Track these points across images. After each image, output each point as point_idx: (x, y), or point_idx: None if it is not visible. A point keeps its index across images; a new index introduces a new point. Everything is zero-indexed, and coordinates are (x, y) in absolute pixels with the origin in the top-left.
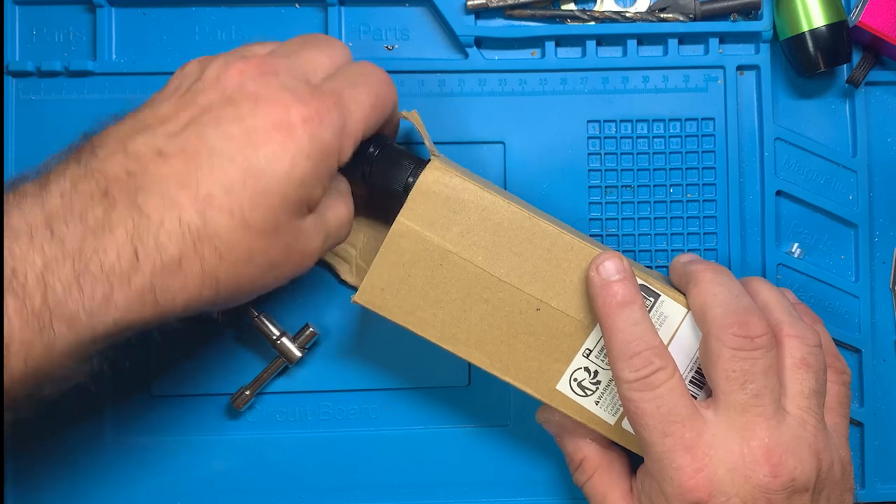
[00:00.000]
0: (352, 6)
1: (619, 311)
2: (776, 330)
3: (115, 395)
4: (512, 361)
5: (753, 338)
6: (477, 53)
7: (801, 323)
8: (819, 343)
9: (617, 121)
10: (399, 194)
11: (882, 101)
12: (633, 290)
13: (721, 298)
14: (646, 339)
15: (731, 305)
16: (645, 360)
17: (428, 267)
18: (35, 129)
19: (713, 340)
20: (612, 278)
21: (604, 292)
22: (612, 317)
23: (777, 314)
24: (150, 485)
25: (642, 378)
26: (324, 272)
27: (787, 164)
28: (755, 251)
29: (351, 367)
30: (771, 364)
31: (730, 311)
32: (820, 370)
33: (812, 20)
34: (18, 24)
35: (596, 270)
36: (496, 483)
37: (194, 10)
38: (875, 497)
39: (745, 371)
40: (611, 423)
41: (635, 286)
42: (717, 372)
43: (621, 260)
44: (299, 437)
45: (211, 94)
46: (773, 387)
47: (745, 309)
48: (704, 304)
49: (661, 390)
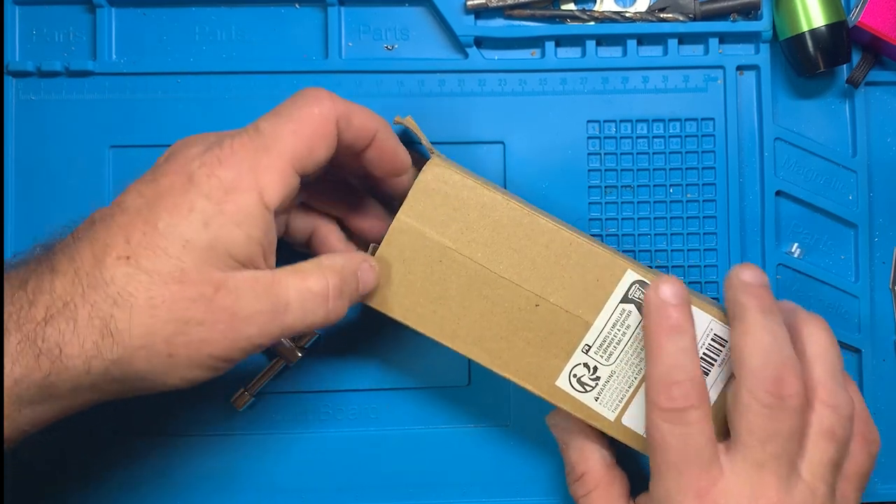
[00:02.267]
0: (352, 6)
1: (670, 335)
2: (811, 390)
3: None
4: (511, 357)
5: (786, 397)
6: (477, 53)
7: (840, 391)
8: (851, 415)
9: (617, 121)
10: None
11: (882, 101)
12: (689, 319)
13: (762, 346)
14: (689, 370)
15: (772, 357)
16: (684, 392)
17: (427, 264)
18: (35, 129)
19: (745, 391)
20: (670, 302)
21: (658, 313)
22: (662, 339)
23: (818, 373)
24: (150, 485)
25: (677, 409)
26: None
27: (786, 164)
28: (755, 251)
29: (351, 367)
30: (798, 427)
31: (769, 363)
32: (844, 442)
33: (812, 20)
34: (18, 24)
35: (655, 291)
36: (496, 483)
37: (194, 10)
38: (875, 497)
39: (770, 430)
40: (611, 420)
41: (691, 316)
42: (741, 423)
43: (682, 287)
44: (299, 437)
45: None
46: (794, 450)
47: (784, 363)
48: (745, 350)
49: (692, 429)
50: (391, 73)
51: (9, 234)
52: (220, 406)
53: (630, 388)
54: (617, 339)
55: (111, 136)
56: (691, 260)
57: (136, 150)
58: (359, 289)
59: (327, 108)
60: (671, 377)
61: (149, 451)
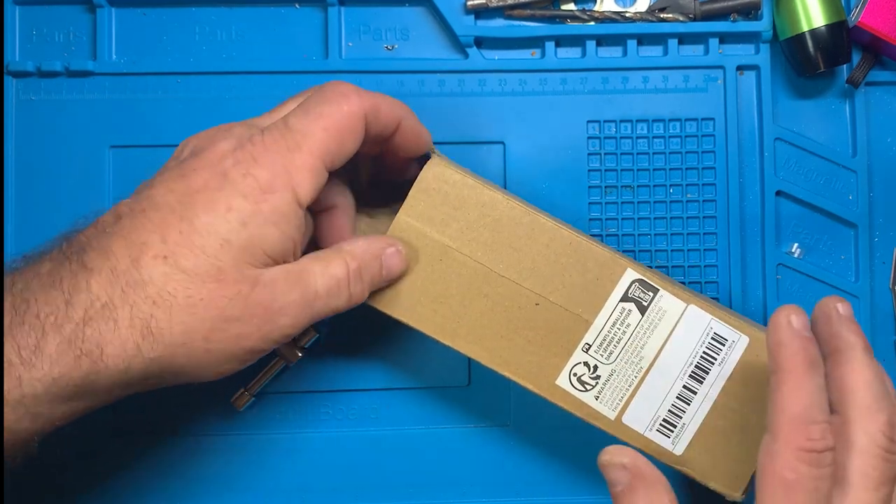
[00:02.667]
0: (352, 6)
1: (810, 371)
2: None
3: None
4: (511, 356)
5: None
6: (477, 53)
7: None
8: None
9: (617, 121)
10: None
11: (882, 101)
12: (819, 355)
13: (875, 389)
14: (825, 410)
15: (885, 401)
16: (823, 433)
17: (428, 263)
18: (35, 129)
19: (861, 433)
20: (805, 334)
21: (797, 344)
22: (802, 375)
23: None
24: (150, 485)
25: (816, 451)
26: None
27: (786, 165)
28: (755, 251)
29: (351, 367)
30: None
31: (882, 406)
32: None
33: (812, 20)
34: (18, 24)
35: (788, 320)
36: (496, 483)
37: (194, 10)
38: None
39: (884, 474)
40: (611, 419)
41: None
42: (853, 465)
43: (806, 317)
44: (299, 437)
45: (170, 163)
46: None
47: (894, 405)
48: (857, 389)
49: (826, 472)
50: (391, 73)
51: (9, 234)
52: (220, 406)
53: (630, 387)
54: (617, 337)
55: (111, 136)
56: (691, 260)
57: (136, 151)
58: (383, 273)
59: (355, 104)
60: (812, 416)
61: (149, 451)
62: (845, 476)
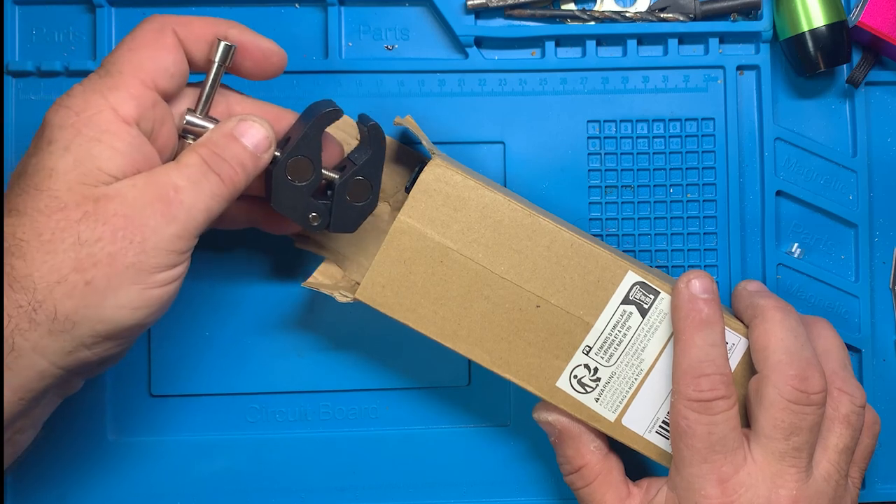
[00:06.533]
0: (352, 6)
1: (700, 329)
2: (828, 381)
3: (115, 395)
4: (512, 358)
5: (811, 394)
6: (477, 53)
7: (853, 380)
8: (864, 403)
9: (617, 121)
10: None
11: (882, 101)
12: (718, 314)
13: (787, 344)
14: (718, 363)
15: (796, 355)
16: (712, 384)
17: (429, 264)
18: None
19: (770, 387)
20: (701, 296)
21: (689, 306)
22: (692, 332)
23: (833, 365)
24: (150, 485)
25: (704, 401)
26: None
27: (787, 164)
28: (755, 251)
29: (351, 367)
30: (818, 420)
31: (794, 360)
32: (858, 429)
33: (812, 20)
34: (18, 24)
35: (686, 284)
36: (496, 483)
37: (194, 10)
38: (875, 497)
39: (793, 424)
40: (611, 421)
41: (721, 310)
42: (765, 416)
43: (712, 282)
44: (299, 437)
45: None
46: (813, 441)
47: (808, 361)
48: (769, 347)
49: (718, 418)
50: (391, 73)
51: None
52: (220, 406)
53: (630, 390)
54: (618, 340)
55: None
56: (691, 260)
57: None
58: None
59: (157, 20)
60: (700, 369)
61: (149, 451)
62: (758, 426)
